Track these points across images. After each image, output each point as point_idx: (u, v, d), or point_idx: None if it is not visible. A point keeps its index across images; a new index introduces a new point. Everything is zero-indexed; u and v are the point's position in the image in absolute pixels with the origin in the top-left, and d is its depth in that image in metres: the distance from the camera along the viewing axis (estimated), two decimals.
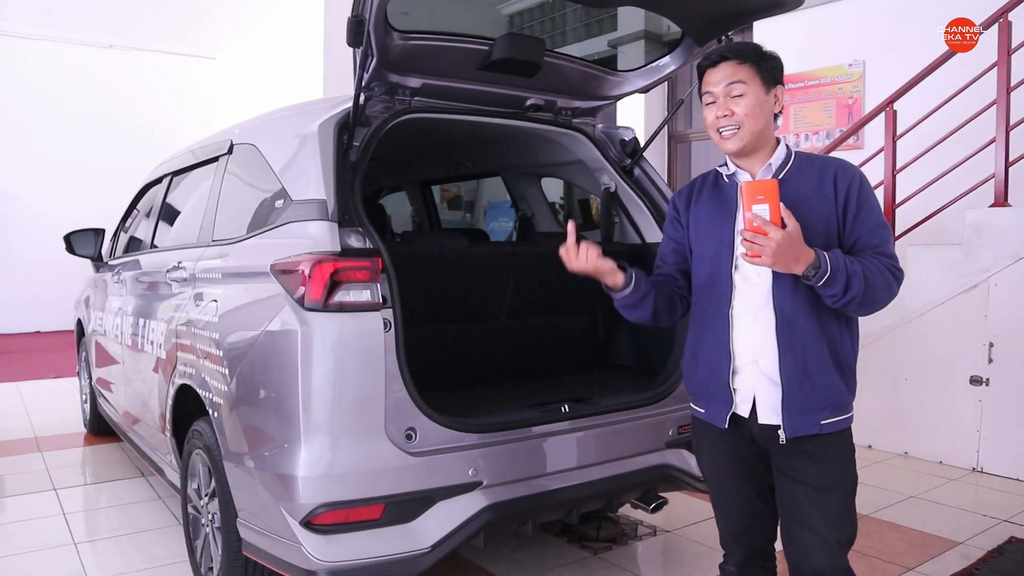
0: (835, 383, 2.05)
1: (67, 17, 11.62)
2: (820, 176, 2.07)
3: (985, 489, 4.59)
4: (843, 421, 2.07)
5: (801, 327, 2.03)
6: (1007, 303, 4.75)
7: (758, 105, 2.07)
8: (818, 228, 2.02)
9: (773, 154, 2.13)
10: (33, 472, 4.95)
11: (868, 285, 1.93)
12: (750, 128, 2.07)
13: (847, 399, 2.08)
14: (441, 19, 8.67)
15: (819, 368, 2.03)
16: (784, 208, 1.90)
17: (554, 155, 3.89)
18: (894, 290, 2.00)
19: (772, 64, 2.11)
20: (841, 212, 2.05)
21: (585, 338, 3.90)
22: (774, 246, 1.87)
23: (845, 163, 2.12)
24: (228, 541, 2.82)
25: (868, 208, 2.04)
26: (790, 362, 2.04)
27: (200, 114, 12.95)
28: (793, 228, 1.88)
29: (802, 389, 2.03)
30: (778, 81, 2.12)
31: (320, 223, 2.59)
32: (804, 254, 1.90)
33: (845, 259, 1.94)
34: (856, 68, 7.23)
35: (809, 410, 2.04)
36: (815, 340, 2.03)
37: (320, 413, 2.45)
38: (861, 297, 1.94)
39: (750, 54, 2.10)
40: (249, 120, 3.65)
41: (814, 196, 2.05)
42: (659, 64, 3.49)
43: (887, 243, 2.03)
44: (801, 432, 2.05)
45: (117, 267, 4.86)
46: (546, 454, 2.86)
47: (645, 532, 3.86)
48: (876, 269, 1.96)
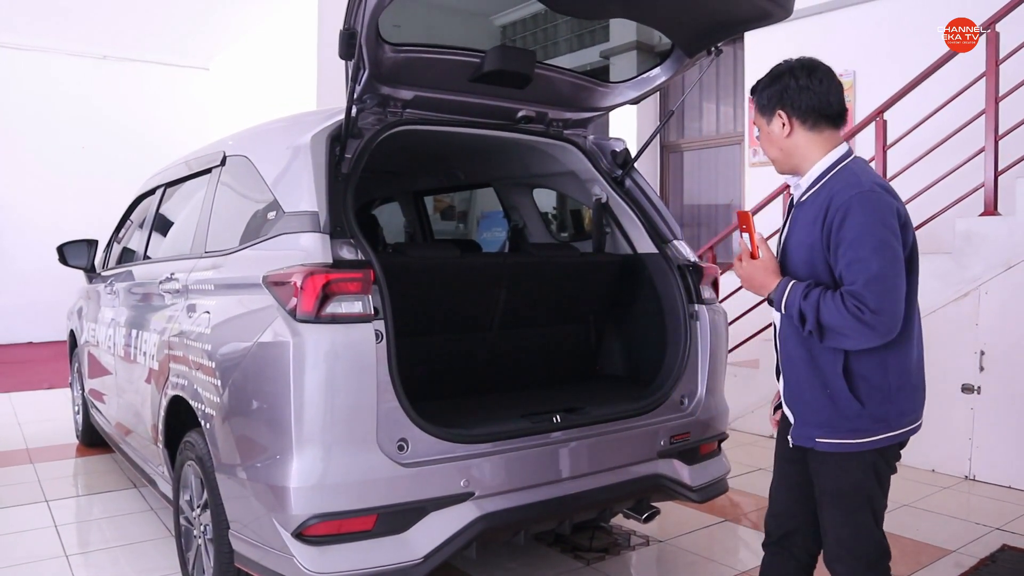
0: (823, 407, 2.12)
1: (61, 28, 11.63)
2: (822, 204, 2.09)
3: (977, 497, 4.60)
4: (840, 445, 2.12)
5: (794, 352, 2.18)
6: (998, 311, 4.78)
7: (766, 139, 2.24)
8: (800, 254, 2.13)
9: (811, 169, 2.18)
10: (25, 483, 4.94)
11: (821, 322, 2.01)
12: (771, 157, 2.26)
13: (844, 424, 2.11)
14: (433, 31, 8.71)
15: (808, 390, 2.16)
16: (760, 238, 2.13)
17: (545, 166, 3.91)
18: (861, 331, 1.98)
19: (769, 91, 2.21)
20: (825, 243, 2.08)
21: (577, 348, 3.91)
22: (742, 273, 2.15)
23: (848, 188, 2.07)
24: (220, 553, 2.81)
25: (845, 243, 2.02)
26: (787, 378, 2.23)
27: (194, 125, 12.93)
28: (763, 259, 2.12)
29: (796, 406, 2.21)
30: (777, 107, 2.19)
31: (312, 235, 2.61)
32: (768, 282, 2.11)
33: (802, 293, 2.04)
34: (846, 78, 7.26)
35: (804, 424, 2.19)
36: (804, 364, 2.15)
37: (312, 424, 2.45)
38: (818, 332, 2.03)
39: (753, 90, 2.26)
40: (242, 131, 3.66)
41: (810, 223, 2.11)
42: (650, 75, 3.51)
43: (855, 282, 1.98)
44: (800, 443, 2.21)
45: (110, 278, 4.86)
46: (538, 464, 2.86)
47: (638, 542, 3.87)
48: (835, 308, 1.99)
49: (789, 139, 2.19)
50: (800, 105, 2.16)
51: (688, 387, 3.33)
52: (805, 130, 2.17)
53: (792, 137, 2.18)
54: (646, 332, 3.61)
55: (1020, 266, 4.68)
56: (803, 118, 2.17)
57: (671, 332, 3.41)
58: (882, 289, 1.97)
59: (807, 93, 2.15)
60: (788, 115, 2.17)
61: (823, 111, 2.16)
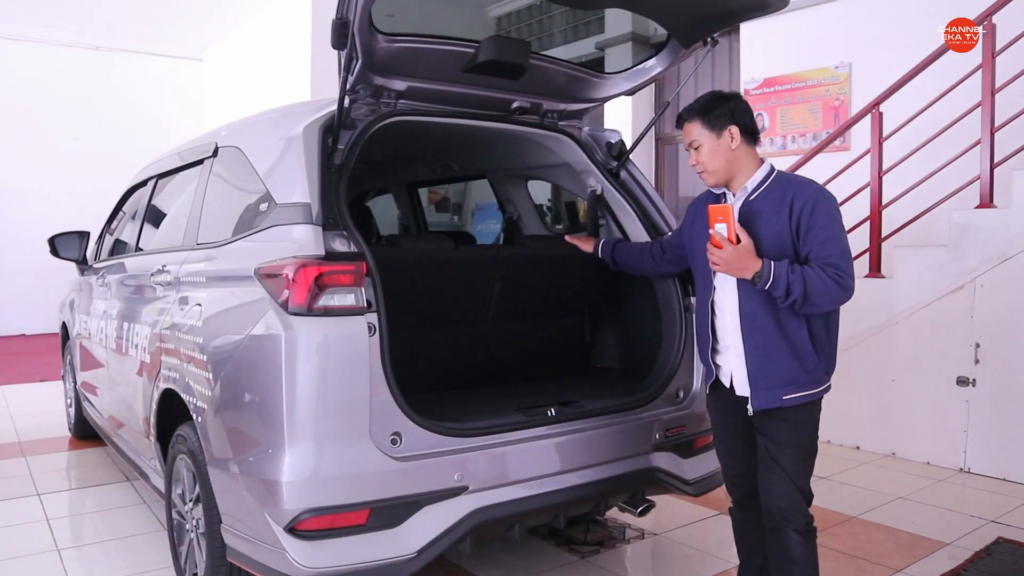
0: (792, 366, 2.48)
1: (53, 19, 11.55)
2: (783, 198, 2.48)
3: (972, 489, 4.60)
4: (804, 396, 2.50)
5: (762, 322, 2.49)
6: (993, 304, 4.77)
7: (711, 151, 2.57)
8: (771, 241, 2.47)
9: (750, 178, 2.57)
10: (17, 477, 4.91)
11: (807, 291, 2.36)
12: (712, 169, 2.58)
13: (807, 377, 2.49)
14: (427, 21, 8.66)
15: (777, 354, 2.49)
16: (739, 226, 2.43)
17: (540, 158, 3.88)
18: (838, 294, 2.39)
19: (719, 111, 2.56)
20: (794, 229, 2.45)
21: (572, 341, 3.89)
22: (726, 258, 2.42)
23: (807, 187, 2.50)
24: (212, 547, 2.79)
25: (818, 226, 2.42)
26: (752, 349, 2.52)
27: (187, 116, 12.89)
28: (745, 244, 2.41)
29: (763, 371, 2.51)
30: (729, 123, 2.54)
31: (304, 227, 2.58)
32: (752, 264, 2.40)
33: (788, 268, 2.38)
34: (842, 70, 7.25)
35: (771, 387, 2.50)
36: (774, 332, 2.48)
37: (304, 418, 2.43)
38: (802, 300, 2.37)
39: (696, 112, 2.60)
40: (234, 122, 3.62)
41: (773, 215, 2.48)
42: (645, 66, 3.49)
43: (832, 255, 2.39)
44: (765, 406, 2.52)
45: (102, 270, 4.82)
46: (533, 458, 2.84)
47: (633, 535, 3.86)
48: (818, 277, 2.36)
49: (735, 151, 2.55)
50: (745, 123, 2.56)
51: (683, 380, 3.32)
52: (746, 144, 2.57)
53: (737, 150, 2.55)
54: (641, 325, 3.60)
55: (1016, 259, 4.68)
56: (745, 134, 2.56)
57: (666, 325, 3.40)
58: (849, 260, 2.43)
59: (748, 116, 2.59)
60: (738, 130, 2.54)
61: (755, 131, 2.61)
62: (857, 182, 5.73)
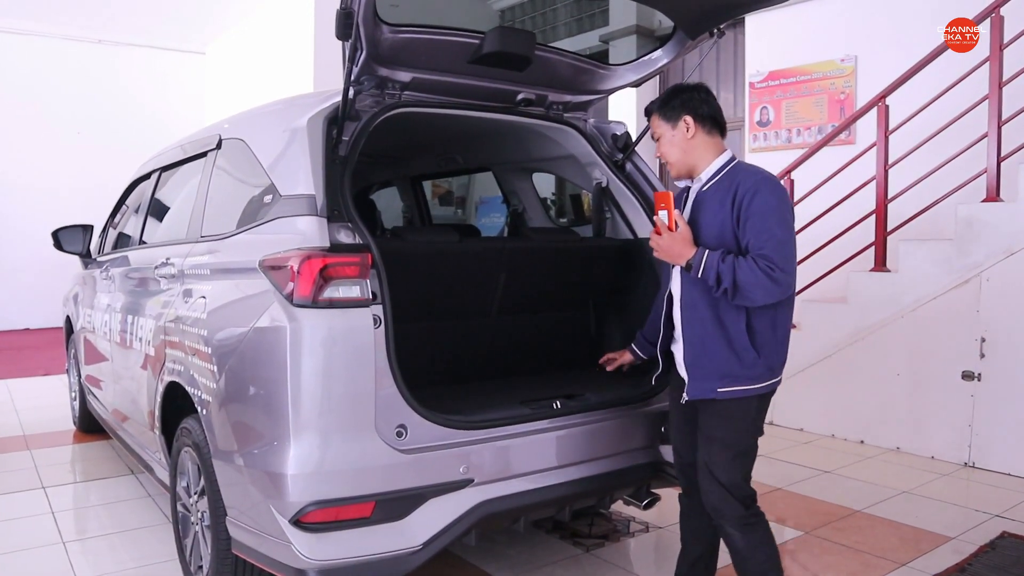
0: (728, 358, 2.47)
1: (56, 12, 11.53)
2: (728, 188, 2.49)
3: (977, 484, 4.59)
4: (738, 391, 2.49)
5: (701, 312, 2.51)
6: (999, 298, 4.75)
7: (669, 142, 2.62)
8: (712, 230, 2.49)
9: (706, 169, 2.59)
10: (22, 470, 4.92)
11: (737, 281, 2.36)
12: (673, 160, 2.63)
13: (743, 372, 2.47)
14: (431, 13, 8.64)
15: (714, 345, 2.49)
16: (677, 213, 2.49)
17: (545, 150, 3.87)
18: (769, 287, 2.35)
19: (675, 102, 2.60)
20: (735, 219, 2.46)
21: (577, 334, 3.88)
22: (663, 244, 2.49)
23: (751, 176, 2.49)
24: (217, 539, 2.79)
25: (756, 216, 2.41)
26: (690, 338, 2.55)
27: (190, 109, 12.89)
28: (682, 231, 2.46)
29: (700, 361, 2.53)
30: (683, 113, 2.58)
31: (309, 218, 2.57)
32: (687, 252, 2.45)
33: (719, 258, 2.39)
34: (848, 63, 7.22)
35: (706, 378, 2.51)
36: (710, 322, 2.49)
37: (309, 410, 2.42)
38: (732, 290, 2.38)
39: (656, 105, 2.66)
40: (238, 114, 3.61)
41: (717, 205, 2.50)
42: (651, 57, 3.46)
43: (765, 247, 2.37)
44: (698, 396, 2.54)
45: (106, 263, 4.82)
46: (538, 451, 2.84)
47: (637, 528, 3.86)
48: (749, 268, 2.35)
49: (691, 141, 2.58)
50: (702, 113, 2.58)
51: None
52: (704, 134, 2.58)
53: (694, 140, 2.58)
54: (647, 318, 3.58)
55: (1022, 253, 4.66)
56: (703, 124, 2.58)
57: None
58: (786, 253, 2.38)
59: (707, 105, 2.60)
60: (693, 120, 2.57)
61: (717, 120, 2.61)
62: (863, 175, 5.71)
